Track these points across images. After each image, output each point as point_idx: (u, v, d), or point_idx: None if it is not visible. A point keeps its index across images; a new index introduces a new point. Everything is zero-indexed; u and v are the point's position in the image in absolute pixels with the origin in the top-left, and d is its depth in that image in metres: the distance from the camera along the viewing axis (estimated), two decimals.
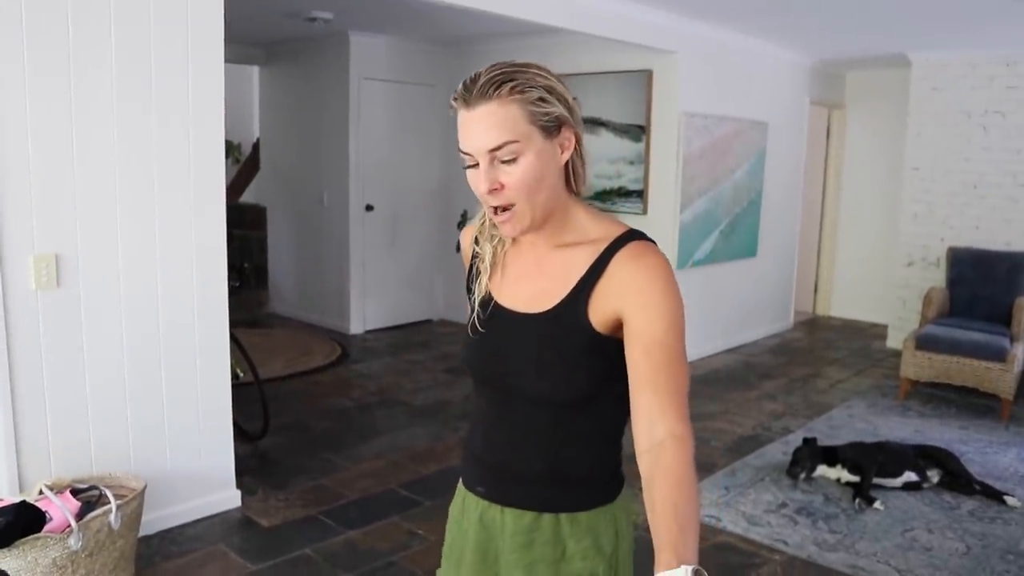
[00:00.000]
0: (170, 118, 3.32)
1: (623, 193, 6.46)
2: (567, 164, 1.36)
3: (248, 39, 7.44)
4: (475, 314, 1.45)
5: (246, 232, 8.84)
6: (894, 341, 7.23)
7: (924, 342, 5.67)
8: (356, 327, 7.26)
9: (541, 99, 1.29)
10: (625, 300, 1.30)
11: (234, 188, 9.50)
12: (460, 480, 1.60)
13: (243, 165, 9.72)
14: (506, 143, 1.27)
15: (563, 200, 1.38)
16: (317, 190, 7.42)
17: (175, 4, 3.27)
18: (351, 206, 7.10)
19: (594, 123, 6.50)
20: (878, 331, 7.92)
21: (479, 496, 1.50)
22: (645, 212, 6.35)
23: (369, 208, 7.21)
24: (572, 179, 1.39)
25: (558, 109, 1.31)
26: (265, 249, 8.34)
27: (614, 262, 1.33)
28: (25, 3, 2.86)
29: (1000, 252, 6.49)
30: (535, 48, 6.35)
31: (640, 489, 1.21)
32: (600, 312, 1.33)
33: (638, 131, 6.32)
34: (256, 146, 9.02)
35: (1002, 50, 6.58)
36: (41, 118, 2.96)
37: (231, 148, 9.79)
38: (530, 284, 1.42)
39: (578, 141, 1.36)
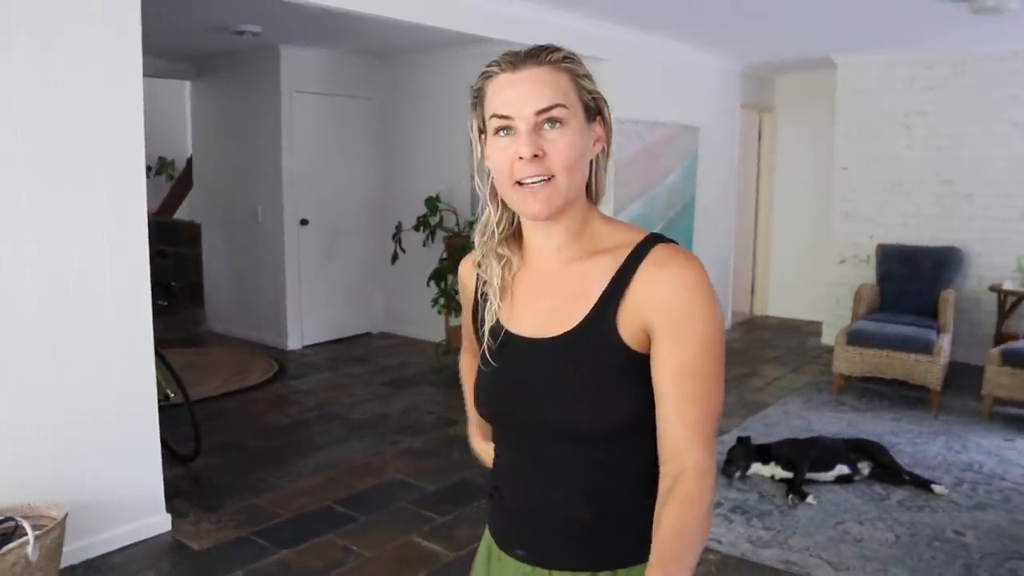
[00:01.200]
0: (85, 134, 3.24)
1: None
2: (590, 165, 1.26)
3: (178, 53, 7.32)
4: (485, 347, 1.31)
5: (181, 250, 8.70)
6: (828, 338, 7.36)
7: (855, 337, 5.79)
8: (294, 343, 7.17)
9: (587, 76, 1.23)
10: (651, 316, 1.17)
11: (168, 205, 9.35)
12: (487, 530, 1.42)
13: (176, 182, 9.57)
14: (557, 105, 1.17)
15: (583, 201, 1.26)
16: (251, 205, 7.32)
17: (88, 13, 3.19)
18: (286, 220, 7.02)
19: None
20: (814, 328, 8.07)
21: (520, 560, 1.32)
22: None
23: (304, 222, 7.13)
24: (593, 183, 1.28)
25: (600, 93, 1.25)
26: (200, 266, 8.21)
27: (641, 270, 1.20)
28: None
29: (926, 247, 6.67)
30: (470, 58, 6.34)
31: None
32: (630, 328, 1.19)
33: None
34: (190, 162, 8.88)
35: (922, 52, 6.77)
36: None
37: (164, 164, 9.64)
38: (544, 305, 1.27)
39: (608, 143, 1.28)
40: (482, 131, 1.24)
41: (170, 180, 9.63)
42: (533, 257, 1.30)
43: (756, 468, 4.27)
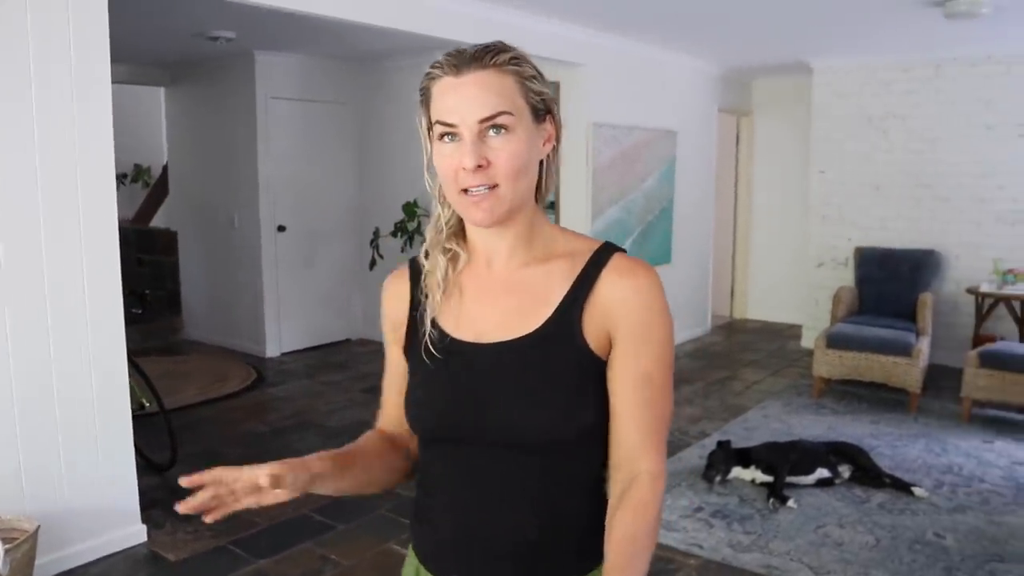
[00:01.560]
0: (55, 141, 3.18)
1: None
2: (540, 165, 1.24)
3: (152, 59, 7.25)
4: (424, 353, 1.24)
5: (157, 257, 8.59)
6: (808, 341, 7.39)
7: (834, 340, 5.81)
8: (272, 350, 7.11)
9: (535, 77, 1.19)
10: (616, 322, 1.18)
11: (144, 213, 9.23)
12: (412, 553, 1.35)
13: (152, 189, 9.46)
14: (501, 112, 1.13)
15: (531, 205, 1.24)
16: (228, 212, 7.25)
17: (55, 19, 3.14)
18: (263, 227, 6.96)
19: None
20: (794, 332, 8.09)
21: None
22: (557, 222, 6.36)
23: (281, 228, 7.08)
24: (542, 182, 1.26)
25: (548, 93, 1.21)
26: (177, 274, 8.12)
27: (604, 277, 1.20)
28: None
29: (904, 250, 6.71)
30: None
31: None
32: (594, 332, 1.19)
33: None
34: (165, 169, 8.79)
35: (898, 56, 6.82)
36: None
37: (140, 172, 9.53)
38: (499, 308, 1.23)
39: (558, 141, 1.25)
40: (430, 129, 1.20)
41: (146, 187, 9.52)
42: (481, 258, 1.26)
43: (736, 472, 4.26)
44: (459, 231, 1.28)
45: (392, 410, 1.36)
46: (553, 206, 6.37)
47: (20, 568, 2.84)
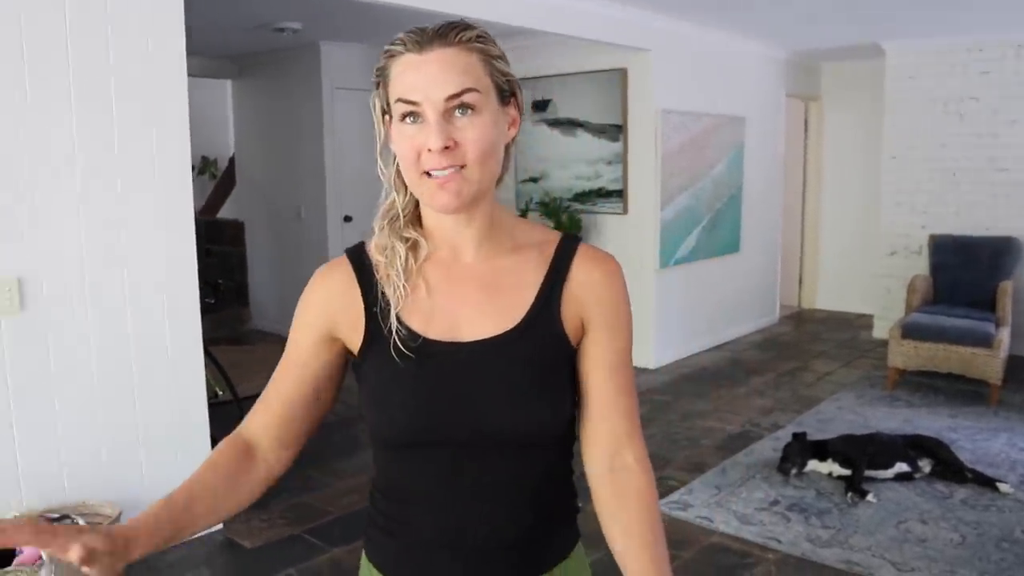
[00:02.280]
0: (134, 134, 3.24)
1: (603, 193, 6.42)
2: (505, 150, 1.18)
3: (219, 52, 7.36)
4: (394, 352, 1.14)
5: (225, 248, 8.73)
6: (880, 331, 7.20)
7: (910, 330, 5.64)
8: None
9: (501, 57, 1.14)
10: (592, 311, 1.18)
11: (211, 204, 9.39)
12: (370, 564, 1.27)
13: (219, 181, 9.61)
14: (468, 90, 1.07)
15: (492, 192, 1.17)
16: (294, 203, 7.33)
17: (134, 16, 3.19)
18: (329, 218, 7.03)
19: (571, 124, 6.46)
20: (864, 321, 7.90)
21: None
22: (626, 211, 6.31)
23: (348, 219, 7.13)
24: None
25: (513, 75, 1.16)
26: (245, 265, 8.25)
27: (577, 265, 1.19)
28: None
29: (981, 237, 6.49)
30: (509, 50, 6.13)
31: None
32: (571, 322, 1.18)
33: (615, 130, 6.27)
34: (232, 161, 8.93)
35: (973, 36, 6.57)
36: None
37: (207, 164, 9.69)
38: (469, 303, 1.17)
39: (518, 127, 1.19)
40: (386, 112, 1.13)
41: (213, 179, 9.68)
42: (445, 249, 1.19)
43: (813, 465, 4.16)
44: (415, 219, 1.20)
45: (275, 409, 1.22)
46: (621, 195, 6.30)
47: None
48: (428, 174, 1.08)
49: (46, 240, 3.03)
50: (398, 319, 1.15)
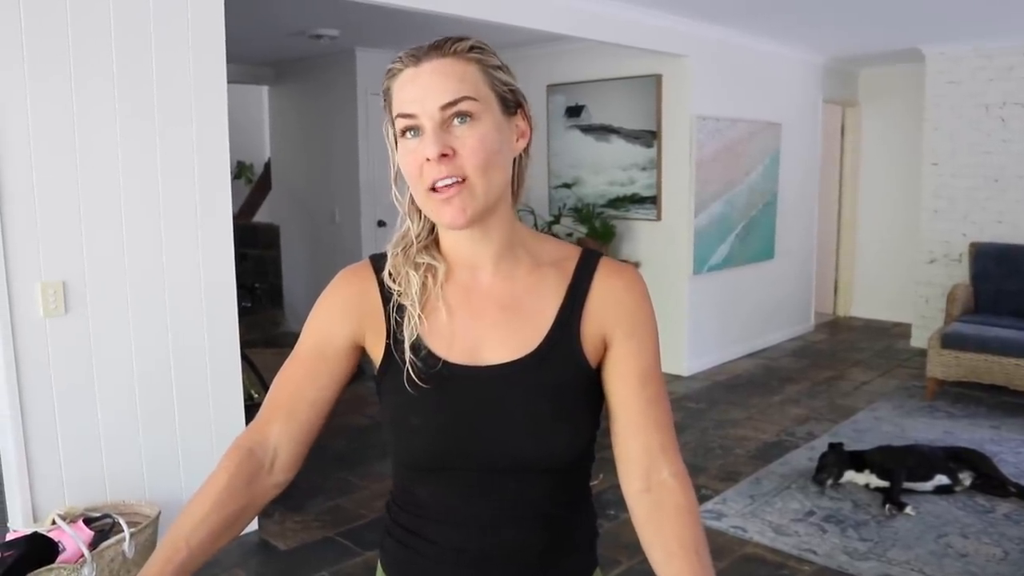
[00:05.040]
0: (174, 139, 3.28)
1: (636, 200, 6.39)
2: (513, 164, 1.16)
3: (256, 59, 7.45)
4: (418, 384, 1.12)
5: (260, 252, 8.82)
6: (918, 340, 7.09)
7: (951, 340, 5.55)
8: None
9: (500, 67, 1.12)
10: (615, 324, 1.16)
11: (247, 208, 9.50)
12: (384, 571, 1.27)
13: (255, 185, 9.73)
14: (464, 98, 1.05)
15: (509, 207, 1.16)
16: (329, 207, 7.39)
17: (176, 24, 3.24)
18: (363, 222, 7.07)
19: (605, 130, 6.44)
20: (901, 330, 7.78)
21: None
22: (659, 218, 6.28)
23: (382, 224, 7.17)
24: (514, 183, 1.18)
25: (517, 85, 1.14)
26: (279, 268, 8.33)
27: (598, 281, 1.17)
28: (25, 27, 2.84)
29: None
30: (543, 56, 6.30)
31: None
32: (591, 342, 1.16)
33: (649, 136, 6.25)
34: (268, 166, 9.03)
35: (1017, 40, 6.46)
36: (43, 143, 2.93)
37: (243, 168, 9.81)
38: (490, 325, 1.15)
39: (529, 141, 1.17)
40: (396, 134, 1.12)
41: (249, 184, 9.79)
42: (464, 269, 1.17)
43: (850, 476, 4.11)
44: (432, 244, 1.19)
45: (301, 416, 1.18)
46: (655, 201, 6.28)
47: (143, 551, 2.93)
48: (434, 189, 1.07)
49: (90, 245, 3.08)
50: (421, 340, 1.14)
